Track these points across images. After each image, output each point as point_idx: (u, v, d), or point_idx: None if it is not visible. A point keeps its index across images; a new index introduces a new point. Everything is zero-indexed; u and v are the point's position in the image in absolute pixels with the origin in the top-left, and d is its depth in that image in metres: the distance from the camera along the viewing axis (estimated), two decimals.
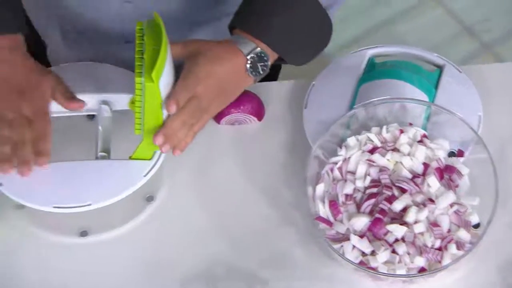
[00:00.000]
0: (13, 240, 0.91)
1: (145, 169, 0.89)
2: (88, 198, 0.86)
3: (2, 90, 0.88)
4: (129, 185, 0.87)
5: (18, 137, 0.86)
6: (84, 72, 0.97)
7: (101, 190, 0.87)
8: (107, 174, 0.88)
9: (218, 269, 0.90)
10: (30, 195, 0.86)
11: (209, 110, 0.88)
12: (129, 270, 0.91)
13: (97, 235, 0.92)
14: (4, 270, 0.90)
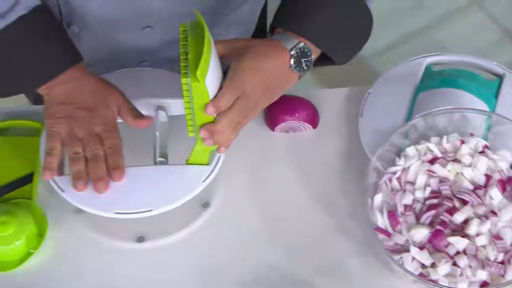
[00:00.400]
0: (71, 245, 0.92)
1: (204, 174, 0.89)
2: (148, 203, 0.86)
3: (71, 109, 0.89)
4: (188, 191, 0.87)
5: (91, 155, 0.87)
6: (139, 78, 0.97)
7: (161, 196, 0.87)
8: (166, 180, 0.88)
9: (273, 275, 0.90)
10: (91, 201, 0.86)
11: (256, 107, 0.87)
12: (185, 276, 0.91)
13: (153, 241, 0.92)
14: (61, 274, 0.90)
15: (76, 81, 0.90)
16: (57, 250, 0.91)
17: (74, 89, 0.90)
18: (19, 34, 0.87)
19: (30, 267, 0.90)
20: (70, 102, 0.89)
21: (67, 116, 0.89)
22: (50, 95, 0.90)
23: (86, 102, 0.90)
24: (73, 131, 0.88)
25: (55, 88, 0.90)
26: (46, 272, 0.90)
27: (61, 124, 0.88)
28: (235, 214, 0.95)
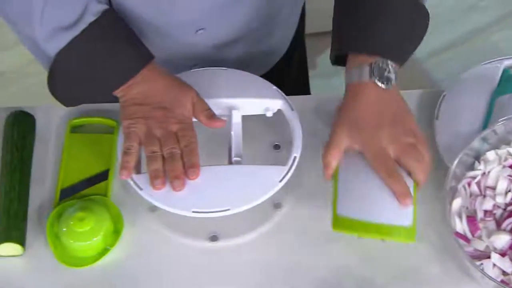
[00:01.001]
0: (145, 242, 0.92)
1: (280, 175, 0.88)
2: (226, 203, 0.86)
3: (147, 109, 0.89)
4: (265, 191, 0.87)
5: (168, 153, 0.87)
6: (213, 78, 0.97)
7: (238, 195, 0.86)
8: (243, 179, 0.88)
9: (347, 280, 0.89)
10: (168, 199, 0.86)
11: (412, 134, 0.85)
12: (257, 275, 0.90)
13: (226, 240, 0.92)
14: (136, 271, 0.89)
15: (151, 81, 0.90)
16: (132, 247, 0.91)
17: (149, 89, 0.90)
18: (91, 41, 0.87)
19: (106, 263, 0.89)
20: (146, 103, 0.89)
21: (143, 117, 0.89)
22: (126, 96, 0.90)
23: (161, 102, 0.90)
24: (150, 131, 0.88)
25: (130, 89, 0.90)
26: (121, 269, 0.90)
27: (138, 124, 0.88)
28: (307, 215, 0.93)
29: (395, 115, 0.86)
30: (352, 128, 0.86)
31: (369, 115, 0.85)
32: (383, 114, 0.85)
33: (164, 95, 0.90)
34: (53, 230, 0.90)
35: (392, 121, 0.85)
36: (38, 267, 0.90)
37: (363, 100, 0.86)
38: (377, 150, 0.84)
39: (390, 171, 0.84)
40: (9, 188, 0.92)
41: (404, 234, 0.84)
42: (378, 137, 0.85)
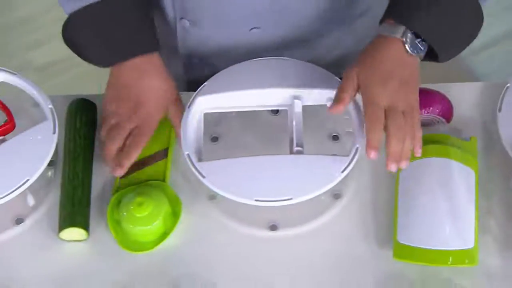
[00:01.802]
0: (203, 229, 0.92)
1: (342, 165, 0.87)
2: (288, 192, 0.85)
3: (124, 94, 0.95)
4: (327, 181, 0.86)
5: (120, 141, 0.94)
6: (275, 67, 0.96)
7: (300, 185, 0.86)
8: (304, 169, 0.87)
9: (408, 270, 0.88)
10: (231, 187, 0.86)
11: (409, 106, 0.85)
12: (315, 266, 0.89)
13: (286, 230, 0.92)
14: (193, 258, 0.90)
15: (141, 72, 0.94)
16: (190, 234, 0.92)
17: (135, 78, 0.94)
18: (105, 12, 0.90)
19: (165, 249, 0.90)
20: (126, 89, 0.94)
21: (115, 105, 0.95)
22: (115, 75, 0.95)
23: (138, 95, 0.95)
24: (116, 113, 0.94)
25: (122, 71, 0.94)
26: (179, 255, 0.90)
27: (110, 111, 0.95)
28: (367, 206, 0.93)
29: (405, 80, 0.85)
30: (365, 68, 0.86)
31: (384, 65, 0.86)
32: (395, 72, 0.85)
33: (144, 90, 0.95)
34: (113, 216, 0.92)
35: (400, 83, 0.85)
36: (101, 251, 0.91)
37: (384, 51, 0.87)
38: (373, 100, 0.84)
39: (375, 119, 0.83)
40: (72, 176, 0.93)
41: (467, 258, 0.85)
42: (382, 89, 0.84)
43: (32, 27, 2.18)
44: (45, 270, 0.90)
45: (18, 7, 2.23)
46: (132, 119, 0.94)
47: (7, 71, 0.95)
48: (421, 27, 0.86)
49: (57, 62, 2.12)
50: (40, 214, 0.93)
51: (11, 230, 0.92)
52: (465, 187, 0.89)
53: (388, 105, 0.85)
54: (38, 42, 2.14)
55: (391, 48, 0.87)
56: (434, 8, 0.86)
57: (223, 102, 0.95)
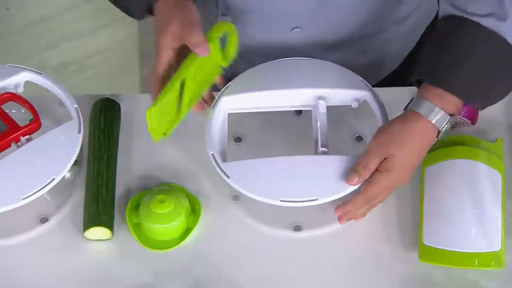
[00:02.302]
0: (227, 230, 0.92)
1: None
2: (314, 193, 0.85)
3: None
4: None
5: None
6: (300, 68, 0.96)
7: (326, 186, 0.86)
8: (329, 170, 0.87)
9: (435, 271, 0.87)
10: (256, 187, 0.86)
11: (396, 184, 0.86)
12: (342, 267, 0.89)
13: (310, 231, 0.91)
14: (217, 258, 0.90)
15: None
16: (213, 233, 0.92)
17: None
18: None
19: (187, 248, 0.90)
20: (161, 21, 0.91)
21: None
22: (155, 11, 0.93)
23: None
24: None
25: (155, 11, 0.92)
26: (203, 255, 0.90)
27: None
28: (392, 208, 0.92)
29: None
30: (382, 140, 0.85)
31: (396, 134, 0.85)
32: (406, 138, 0.84)
33: (160, 20, 0.91)
34: (132, 219, 0.92)
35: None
36: (125, 250, 0.91)
37: (404, 124, 0.85)
38: (372, 151, 0.84)
39: (361, 166, 0.84)
40: (97, 175, 0.93)
41: (493, 260, 0.85)
42: (385, 149, 0.84)
43: (47, 28, 2.19)
44: (69, 269, 0.90)
45: (33, 9, 2.24)
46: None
47: (32, 71, 0.95)
48: (459, 91, 0.84)
49: (72, 63, 2.13)
50: (64, 213, 0.94)
51: (35, 229, 0.92)
52: (491, 189, 0.89)
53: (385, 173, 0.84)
54: (54, 42, 2.15)
55: (417, 130, 0.85)
56: (469, 66, 0.84)
57: (247, 103, 0.95)
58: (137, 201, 0.93)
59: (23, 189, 0.86)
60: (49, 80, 0.94)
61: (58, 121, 0.95)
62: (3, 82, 0.94)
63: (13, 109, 0.94)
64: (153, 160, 0.97)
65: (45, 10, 2.25)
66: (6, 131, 0.90)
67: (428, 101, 0.85)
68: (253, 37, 1.02)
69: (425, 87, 0.86)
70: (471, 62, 0.84)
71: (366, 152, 0.85)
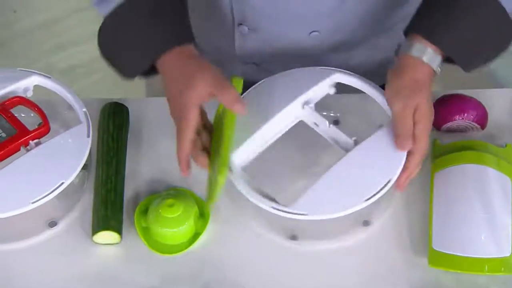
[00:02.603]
0: (237, 235, 0.91)
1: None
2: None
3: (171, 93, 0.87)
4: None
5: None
6: (275, 87, 0.94)
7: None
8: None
9: (444, 279, 0.87)
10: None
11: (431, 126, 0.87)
12: (353, 273, 0.88)
13: (314, 239, 0.91)
14: (225, 264, 0.90)
15: (180, 63, 0.86)
16: (221, 238, 0.91)
17: (174, 71, 0.87)
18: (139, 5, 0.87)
19: (196, 253, 0.90)
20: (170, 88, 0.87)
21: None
22: (162, 72, 0.88)
23: (177, 83, 0.86)
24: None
25: (165, 67, 0.87)
26: (210, 260, 0.90)
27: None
28: (401, 213, 0.92)
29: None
30: (396, 93, 0.86)
31: (409, 86, 0.86)
32: (419, 85, 0.86)
33: (179, 76, 0.86)
34: (140, 224, 0.91)
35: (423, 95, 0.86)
36: (133, 255, 0.91)
37: (410, 73, 0.86)
38: (403, 111, 0.85)
39: (407, 129, 0.85)
40: (105, 179, 0.93)
41: (503, 266, 0.84)
42: (411, 102, 0.85)
43: (54, 31, 2.20)
44: (78, 273, 0.90)
45: (40, 12, 2.25)
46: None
47: (41, 75, 0.95)
48: (448, 47, 0.86)
49: (79, 66, 2.14)
50: (73, 217, 0.94)
51: (44, 233, 0.92)
52: (501, 194, 0.88)
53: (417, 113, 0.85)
54: (61, 46, 2.16)
55: (416, 70, 0.86)
56: (461, 23, 0.85)
57: (251, 149, 0.90)
58: (146, 205, 0.93)
59: (32, 193, 0.86)
60: (58, 84, 0.95)
61: (67, 125, 0.95)
62: (13, 86, 0.94)
63: (22, 113, 0.94)
64: (161, 164, 0.97)
65: (52, 13, 2.25)
66: (15, 135, 0.90)
67: (418, 43, 0.86)
68: (271, 43, 1.01)
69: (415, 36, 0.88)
70: (464, 22, 0.85)
71: (398, 113, 0.85)
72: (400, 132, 0.85)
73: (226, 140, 0.84)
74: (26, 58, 2.13)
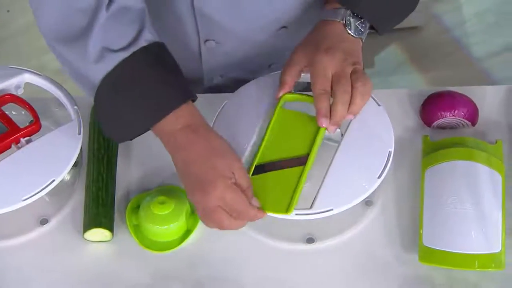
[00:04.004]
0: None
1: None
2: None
3: (203, 172, 0.82)
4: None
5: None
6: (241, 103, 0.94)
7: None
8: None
9: (437, 275, 0.87)
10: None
11: (356, 69, 0.86)
12: (346, 271, 0.89)
13: (323, 242, 0.90)
14: (218, 260, 0.90)
15: (194, 134, 0.83)
16: (212, 235, 0.90)
17: (188, 151, 0.83)
18: (138, 66, 0.83)
19: (188, 250, 0.90)
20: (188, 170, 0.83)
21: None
22: (171, 144, 0.84)
23: (202, 172, 0.82)
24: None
25: (174, 137, 0.83)
26: (201, 257, 0.90)
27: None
28: (392, 210, 0.92)
29: (349, 51, 0.88)
30: (309, 46, 0.89)
31: (327, 41, 0.88)
32: (339, 45, 0.88)
33: (201, 164, 0.82)
34: (132, 221, 0.92)
35: (344, 53, 0.87)
36: (125, 252, 0.91)
37: (327, 31, 0.89)
38: (321, 71, 0.86)
39: (323, 89, 0.85)
40: (96, 177, 0.93)
41: (493, 262, 0.85)
42: (328, 60, 0.86)
43: None
44: (69, 271, 0.90)
45: None
46: (230, 188, 0.82)
47: (33, 72, 0.95)
48: (362, 9, 0.89)
49: None
50: (64, 214, 0.94)
51: (35, 231, 0.92)
52: (491, 190, 0.89)
53: (335, 72, 0.87)
54: None
55: (333, 28, 0.89)
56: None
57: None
58: (137, 203, 0.93)
59: (23, 190, 0.86)
60: (49, 81, 0.94)
61: (58, 123, 0.95)
62: (4, 84, 0.94)
63: (13, 110, 0.94)
64: (153, 161, 0.97)
65: None
66: (6, 133, 0.90)
67: (325, 11, 0.91)
68: (240, 50, 1.02)
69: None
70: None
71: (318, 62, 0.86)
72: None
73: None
74: (18, 57, 2.12)
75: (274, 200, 0.85)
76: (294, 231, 0.91)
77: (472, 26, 2.07)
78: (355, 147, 0.89)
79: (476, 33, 2.06)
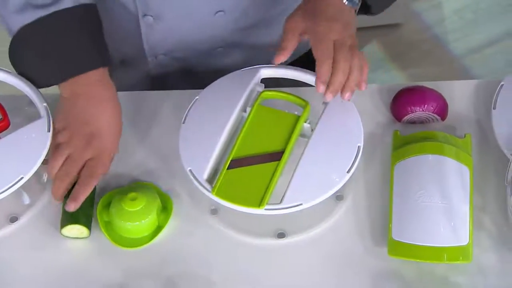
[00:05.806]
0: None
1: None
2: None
3: (78, 125, 0.91)
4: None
5: (75, 176, 0.91)
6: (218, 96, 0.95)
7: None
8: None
9: (407, 270, 0.87)
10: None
11: (354, 44, 0.88)
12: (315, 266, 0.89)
13: (293, 237, 0.91)
14: (190, 256, 0.90)
15: (97, 102, 0.91)
16: (184, 231, 0.91)
17: (91, 112, 0.91)
18: (54, 26, 0.88)
19: (162, 247, 0.90)
20: (81, 123, 0.91)
21: (70, 134, 0.91)
22: (67, 103, 0.91)
23: (90, 123, 0.91)
24: (70, 145, 0.90)
25: (74, 97, 0.90)
26: (173, 253, 0.90)
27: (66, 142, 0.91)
28: (362, 205, 0.93)
29: (347, 23, 0.89)
30: (308, 13, 0.90)
31: (328, 10, 0.89)
32: (338, 16, 0.89)
33: (97, 119, 0.91)
34: (102, 215, 0.91)
35: (343, 25, 0.88)
36: (101, 249, 0.91)
37: (324, 1, 0.90)
38: (323, 36, 0.87)
39: (326, 55, 0.87)
40: None
41: (461, 254, 0.85)
42: (329, 28, 0.88)
43: None
44: (41, 269, 0.90)
45: None
46: (87, 151, 0.91)
47: (1, 70, 0.95)
48: None
49: None
50: (35, 212, 0.93)
51: (5, 229, 0.92)
52: (459, 184, 0.89)
53: (336, 40, 0.87)
54: None
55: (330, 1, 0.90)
56: None
57: (212, 162, 0.90)
58: (108, 200, 0.93)
59: None
60: (18, 78, 0.94)
61: (28, 120, 0.94)
62: None
63: None
64: (126, 158, 0.97)
65: None
66: None
67: None
68: (177, 31, 1.02)
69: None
70: None
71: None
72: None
73: None
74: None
75: (247, 194, 0.86)
76: (265, 226, 0.91)
77: (452, 23, 2.09)
78: (325, 142, 0.90)
79: (455, 30, 2.08)
